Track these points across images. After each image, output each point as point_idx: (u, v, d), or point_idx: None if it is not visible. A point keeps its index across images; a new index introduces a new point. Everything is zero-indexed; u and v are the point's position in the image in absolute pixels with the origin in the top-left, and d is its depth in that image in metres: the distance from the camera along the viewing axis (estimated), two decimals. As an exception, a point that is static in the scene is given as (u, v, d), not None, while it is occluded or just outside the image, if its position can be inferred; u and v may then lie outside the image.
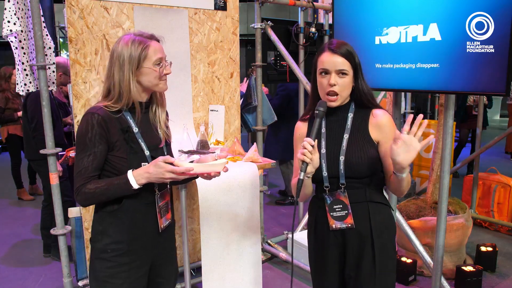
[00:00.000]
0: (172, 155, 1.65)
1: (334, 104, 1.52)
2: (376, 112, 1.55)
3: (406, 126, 1.30)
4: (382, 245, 1.54)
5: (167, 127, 1.62)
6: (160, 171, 1.36)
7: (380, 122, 1.53)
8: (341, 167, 1.52)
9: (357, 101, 1.56)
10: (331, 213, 1.56)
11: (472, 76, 2.02)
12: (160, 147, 1.57)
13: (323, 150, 1.56)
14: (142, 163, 1.47)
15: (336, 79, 1.48)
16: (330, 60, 1.48)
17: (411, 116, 1.28)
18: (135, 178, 1.40)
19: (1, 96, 4.70)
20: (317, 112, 1.48)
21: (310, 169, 1.44)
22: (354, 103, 1.57)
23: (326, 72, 1.49)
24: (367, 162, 1.51)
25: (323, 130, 1.58)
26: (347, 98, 1.55)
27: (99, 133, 1.41)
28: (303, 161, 1.40)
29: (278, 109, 4.27)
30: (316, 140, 1.45)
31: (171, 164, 1.37)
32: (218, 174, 1.47)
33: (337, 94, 1.50)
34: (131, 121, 1.48)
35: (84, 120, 1.43)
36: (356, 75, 1.51)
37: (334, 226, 1.56)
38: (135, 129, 1.48)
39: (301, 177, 1.40)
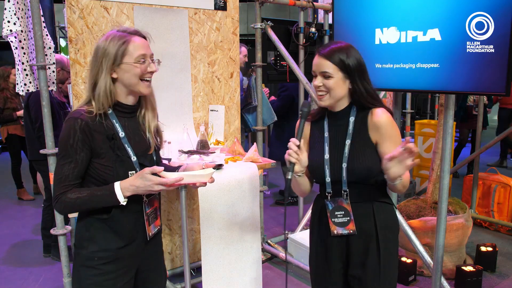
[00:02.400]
0: (160, 162, 1.59)
1: (323, 104, 1.54)
2: (374, 111, 1.52)
3: (399, 147, 1.32)
4: (387, 244, 1.55)
5: (158, 132, 1.55)
6: (148, 184, 1.32)
7: (377, 122, 1.51)
8: (344, 174, 1.53)
9: (357, 104, 1.55)
10: (332, 219, 1.58)
11: (472, 76, 2.02)
12: (149, 153, 1.50)
13: (326, 156, 1.57)
14: (130, 172, 1.40)
15: (320, 81, 1.51)
16: (316, 62, 1.52)
17: (408, 138, 1.31)
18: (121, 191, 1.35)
19: None
20: (300, 112, 1.53)
21: (298, 168, 1.51)
22: (356, 106, 1.56)
23: (314, 74, 1.54)
24: (370, 168, 1.51)
25: (326, 134, 1.59)
26: (343, 100, 1.54)
27: (81, 139, 1.33)
28: (290, 161, 1.46)
29: (281, 110, 4.27)
30: (302, 140, 1.49)
31: (157, 174, 1.33)
32: (204, 184, 1.45)
33: (325, 94, 1.52)
34: (117, 125, 1.40)
35: (67, 125, 1.35)
36: (352, 77, 1.50)
37: (335, 232, 1.58)
38: (121, 134, 1.40)
39: (289, 177, 1.48)
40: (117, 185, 1.35)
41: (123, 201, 1.35)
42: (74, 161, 1.35)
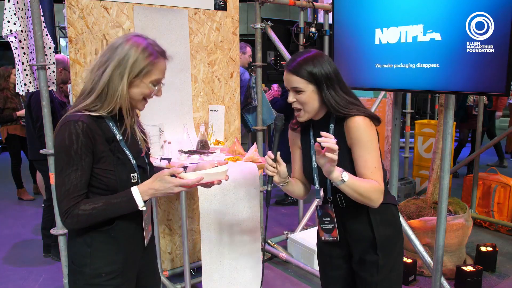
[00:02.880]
0: (151, 162, 1.55)
1: (301, 120, 1.53)
2: (350, 118, 1.48)
3: (319, 138, 1.32)
4: (385, 242, 1.55)
5: (144, 133, 1.50)
6: (168, 186, 1.28)
7: (349, 127, 1.47)
8: (328, 181, 1.54)
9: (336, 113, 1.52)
10: (321, 225, 1.62)
11: (472, 76, 2.01)
12: (142, 155, 1.46)
13: (314, 164, 1.58)
14: (132, 175, 1.36)
15: (294, 96, 1.50)
16: (286, 78, 1.51)
17: (323, 133, 1.31)
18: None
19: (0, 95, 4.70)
20: (274, 126, 1.53)
21: (278, 179, 1.51)
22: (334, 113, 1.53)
23: (287, 89, 1.53)
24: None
25: (312, 142, 1.59)
26: (322, 110, 1.52)
27: (85, 144, 1.25)
28: (268, 175, 1.48)
29: (284, 109, 4.28)
30: (279, 152, 1.48)
31: (175, 175, 1.30)
32: (220, 182, 1.43)
33: (299, 110, 1.51)
34: (114, 128, 1.35)
35: (66, 129, 1.25)
36: (320, 87, 1.46)
37: (323, 238, 1.62)
38: (119, 137, 1.35)
39: (269, 189, 1.50)
40: (135, 190, 1.30)
41: (142, 206, 1.30)
42: (81, 168, 1.25)
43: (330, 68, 1.47)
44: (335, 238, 1.60)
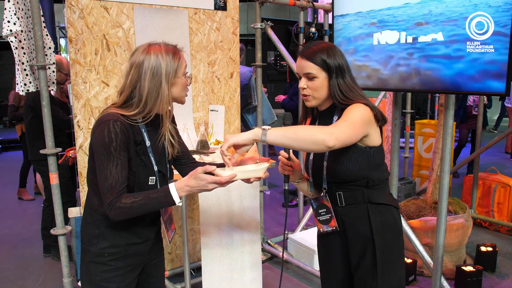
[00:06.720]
0: (171, 168, 1.61)
1: (309, 104, 1.56)
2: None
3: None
4: (384, 246, 1.53)
5: (173, 137, 1.56)
6: (202, 184, 1.34)
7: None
8: (324, 172, 1.55)
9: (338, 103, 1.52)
10: (317, 218, 1.61)
11: (472, 76, 2.01)
12: (168, 159, 1.55)
13: (311, 156, 1.60)
14: (150, 177, 1.45)
15: (305, 83, 1.51)
16: (299, 64, 1.53)
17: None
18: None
19: (15, 94, 4.68)
20: (283, 126, 1.54)
21: (293, 178, 1.60)
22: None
23: (299, 76, 1.55)
24: (348, 168, 1.49)
25: None
26: (328, 99, 1.53)
27: (123, 141, 1.35)
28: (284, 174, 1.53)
29: (296, 110, 4.33)
30: (291, 150, 1.51)
31: (210, 173, 1.34)
32: (258, 179, 1.46)
33: (308, 95, 1.53)
34: (145, 134, 1.44)
35: (104, 128, 1.34)
36: (330, 76, 1.48)
37: (321, 230, 1.61)
38: (148, 143, 1.44)
39: (286, 188, 1.57)
40: (172, 186, 1.37)
41: (178, 202, 1.37)
42: (121, 163, 1.35)
43: (342, 59, 1.50)
44: (334, 228, 1.57)
